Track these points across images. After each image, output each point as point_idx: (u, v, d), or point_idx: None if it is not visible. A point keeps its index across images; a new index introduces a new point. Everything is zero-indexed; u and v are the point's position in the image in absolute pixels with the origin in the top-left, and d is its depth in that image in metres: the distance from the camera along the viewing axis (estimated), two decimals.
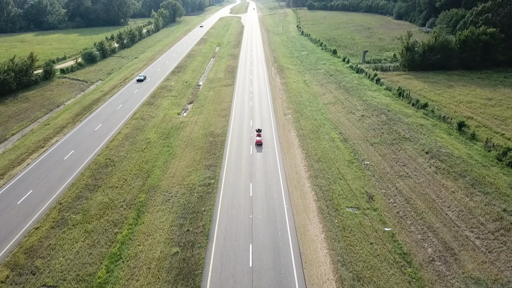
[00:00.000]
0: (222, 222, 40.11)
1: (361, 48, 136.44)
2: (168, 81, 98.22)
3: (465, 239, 35.78)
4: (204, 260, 34.81)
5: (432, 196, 42.47)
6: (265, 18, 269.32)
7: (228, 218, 40.70)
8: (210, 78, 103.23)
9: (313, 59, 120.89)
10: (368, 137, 59.33)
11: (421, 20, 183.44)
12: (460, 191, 41.88)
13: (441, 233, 37.08)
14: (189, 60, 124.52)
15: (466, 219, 37.96)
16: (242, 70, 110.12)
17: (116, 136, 63.26)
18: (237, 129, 65.60)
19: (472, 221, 37.54)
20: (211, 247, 36.58)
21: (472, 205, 39.42)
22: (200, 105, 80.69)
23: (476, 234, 35.83)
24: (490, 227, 36.41)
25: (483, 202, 39.46)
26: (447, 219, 38.70)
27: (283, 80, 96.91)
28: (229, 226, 39.40)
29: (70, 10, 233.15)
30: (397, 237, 37.49)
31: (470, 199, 40.25)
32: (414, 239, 37.08)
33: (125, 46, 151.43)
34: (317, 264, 34.36)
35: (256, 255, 35.21)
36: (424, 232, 37.63)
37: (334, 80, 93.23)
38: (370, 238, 37.44)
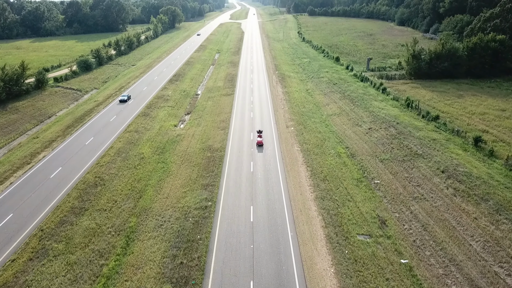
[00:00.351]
0: (220, 253, 36.02)
1: (364, 55, 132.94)
2: (165, 90, 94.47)
3: (494, 276, 31.69)
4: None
5: (452, 223, 38.40)
6: (265, 24, 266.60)
7: (227, 248, 36.62)
8: (209, 87, 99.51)
9: (316, 66, 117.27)
10: (377, 153, 55.36)
11: (424, 26, 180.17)
12: (484, 217, 37.83)
13: (465, 267, 33.00)
14: (188, 68, 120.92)
15: (493, 251, 33.87)
16: (242, 78, 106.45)
17: (108, 151, 59.31)
18: (237, 143, 61.66)
19: (500, 254, 33.47)
20: (207, 283, 32.50)
21: (498, 235, 35.36)
22: (198, 116, 76.85)
23: (507, 271, 31.73)
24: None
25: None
26: (471, 250, 34.62)
27: (285, 89, 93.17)
28: (228, 258, 35.31)
29: (68, 16, 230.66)
30: (415, 271, 33.42)
31: (496, 228, 36.19)
32: (435, 274, 32.99)
33: (122, 53, 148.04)
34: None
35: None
36: (446, 266, 33.54)
37: (338, 89, 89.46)
38: (386, 272, 33.37)
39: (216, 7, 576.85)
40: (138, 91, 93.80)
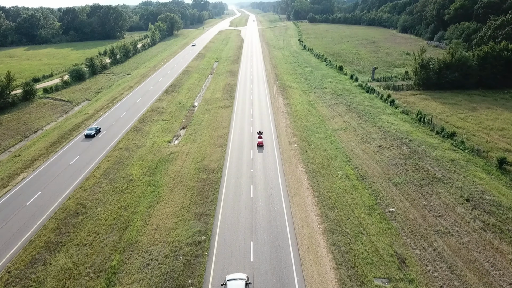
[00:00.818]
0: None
1: (368, 64, 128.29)
2: (160, 102, 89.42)
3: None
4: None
5: (484, 265, 33.08)
6: (265, 31, 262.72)
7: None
8: (206, 98, 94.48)
9: (318, 76, 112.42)
10: (390, 175, 50.12)
11: (428, 34, 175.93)
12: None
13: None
14: (185, 78, 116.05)
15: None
16: (241, 89, 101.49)
17: (94, 172, 54.04)
18: (235, 163, 56.40)
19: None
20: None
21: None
22: (194, 130, 71.69)
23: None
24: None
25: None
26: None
27: (287, 101, 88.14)
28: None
29: (65, 23, 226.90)
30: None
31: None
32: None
33: (118, 62, 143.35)
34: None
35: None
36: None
37: (343, 101, 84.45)
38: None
39: (215, 14, 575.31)
40: (131, 103, 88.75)
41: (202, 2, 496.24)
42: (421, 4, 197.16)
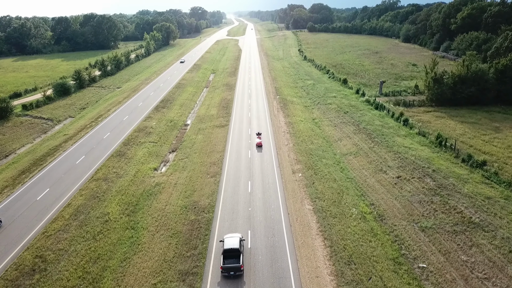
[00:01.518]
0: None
1: (374, 76, 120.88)
2: (148, 121, 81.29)
3: None
4: None
5: None
6: (263, 41, 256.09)
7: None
8: (200, 116, 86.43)
9: (321, 90, 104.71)
10: (415, 216, 41.94)
11: (433, 44, 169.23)
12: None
13: None
14: (178, 92, 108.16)
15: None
16: (238, 104, 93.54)
17: (63, 211, 45.70)
18: (230, 198, 48.13)
19: None
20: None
21: None
22: (185, 155, 63.48)
23: None
24: None
25: None
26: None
27: (288, 119, 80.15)
28: None
29: (57, 33, 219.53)
30: None
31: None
32: None
33: (108, 74, 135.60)
34: None
35: None
36: None
37: (351, 119, 76.57)
38: None
39: (214, 23, 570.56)
40: (117, 122, 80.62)
41: (200, 11, 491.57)
42: (425, 13, 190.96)
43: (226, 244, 34.33)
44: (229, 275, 32.91)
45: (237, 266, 32.49)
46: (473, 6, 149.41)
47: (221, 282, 33.10)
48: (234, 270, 32.53)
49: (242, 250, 34.44)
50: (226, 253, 33.57)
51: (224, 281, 33.11)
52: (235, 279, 33.13)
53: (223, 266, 32.70)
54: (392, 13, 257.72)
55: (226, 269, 32.58)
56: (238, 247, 33.89)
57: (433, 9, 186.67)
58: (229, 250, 33.65)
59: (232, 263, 32.77)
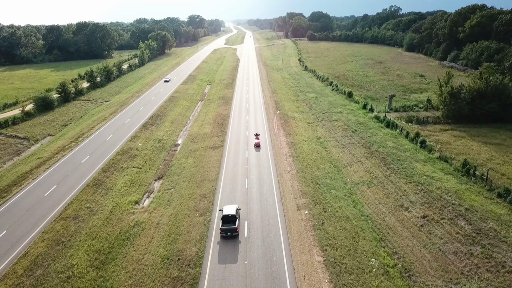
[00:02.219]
0: None
1: (380, 88, 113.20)
2: (134, 141, 73.02)
3: None
4: None
5: None
6: (262, 50, 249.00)
7: None
8: (192, 134, 78.22)
9: (325, 104, 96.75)
10: (451, 272, 33.54)
11: (440, 53, 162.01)
12: None
13: None
14: (170, 106, 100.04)
15: None
16: (235, 121, 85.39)
17: (16, 264, 37.20)
18: (222, 247, 39.60)
19: None
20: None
21: None
22: (172, 184, 55.15)
23: None
24: None
25: None
26: None
27: (290, 139, 71.98)
28: None
29: (48, 42, 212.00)
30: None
31: None
32: None
33: (97, 86, 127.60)
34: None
35: None
36: None
37: (360, 139, 68.46)
38: None
39: (212, 31, 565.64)
40: (100, 142, 72.33)
41: (198, 19, 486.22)
42: (430, 21, 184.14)
43: (225, 211, 40.45)
44: (227, 236, 39.19)
45: (233, 228, 38.89)
46: (482, 14, 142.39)
47: (220, 242, 39.33)
48: (231, 232, 38.97)
49: (238, 216, 40.36)
50: (224, 218, 39.64)
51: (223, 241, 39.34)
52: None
53: (221, 228, 38.96)
54: (394, 21, 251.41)
55: (224, 230, 38.89)
56: (235, 213, 39.87)
57: (438, 17, 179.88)
58: (226, 216, 39.64)
59: (229, 225, 39.03)
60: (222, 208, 42.11)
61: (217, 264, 36.46)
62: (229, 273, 34.98)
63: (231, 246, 39.04)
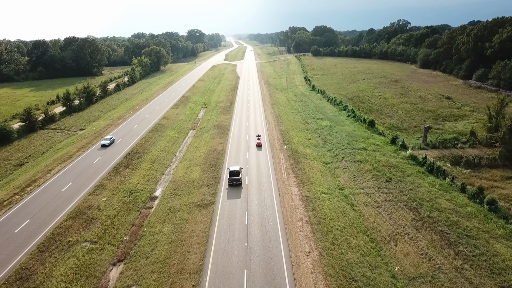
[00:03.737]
0: None
1: (404, 114, 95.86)
2: (98, 192, 55.07)
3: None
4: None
5: None
6: (264, 66, 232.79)
7: None
8: (176, 181, 60.32)
9: (342, 136, 79.15)
10: None
11: (463, 71, 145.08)
12: None
13: None
14: (154, 138, 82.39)
15: None
16: (232, 161, 67.49)
17: None
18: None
19: None
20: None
21: None
22: (134, 278, 37.00)
23: None
24: None
25: None
26: None
27: (304, 190, 54.04)
28: None
29: (33, 58, 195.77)
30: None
31: None
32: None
33: (74, 110, 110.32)
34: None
35: None
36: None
37: (399, 193, 50.58)
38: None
39: (212, 46, 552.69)
40: (51, 196, 54.40)
41: (198, 34, 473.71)
42: (448, 36, 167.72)
43: (231, 168, 56.25)
44: (233, 184, 54.83)
45: (238, 178, 54.80)
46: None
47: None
48: (235, 181, 54.79)
49: (241, 171, 56.43)
50: (231, 172, 55.21)
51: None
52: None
53: (229, 178, 54.82)
54: (404, 35, 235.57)
55: (230, 180, 54.73)
56: (238, 169, 56.01)
57: (458, 32, 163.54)
58: (232, 171, 55.32)
59: (234, 177, 54.75)
60: (229, 168, 57.79)
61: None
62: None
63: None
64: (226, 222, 45.89)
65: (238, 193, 53.56)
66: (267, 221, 45.59)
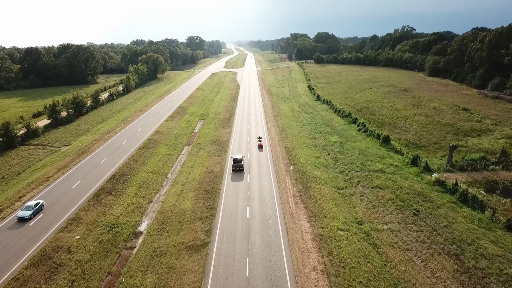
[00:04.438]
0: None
1: (420, 128, 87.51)
2: (70, 229, 46.36)
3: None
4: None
5: None
6: (265, 74, 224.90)
7: None
8: (165, 212, 51.59)
9: (355, 154, 70.57)
10: None
11: (477, 80, 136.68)
12: None
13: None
14: (144, 156, 73.84)
15: None
16: (230, 186, 58.82)
17: None
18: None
19: None
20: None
21: None
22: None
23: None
24: None
25: None
26: None
27: (316, 227, 45.35)
28: None
29: (25, 66, 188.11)
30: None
31: None
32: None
33: (61, 123, 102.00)
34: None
35: None
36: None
37: (432, 232, 41.93)
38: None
39: (212, 53, 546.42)
40: (16, 232, 45.62)
41: (198, 40, 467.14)
42: (459, 42, 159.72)
43: (234, 156, 65.03)
44: (236, 170, 63.13)
45: (241, 165, 63.19)
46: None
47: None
48: (238, 167, 63.08)
49: (243, 159, 64.75)
50: (234, 160, 63.77)
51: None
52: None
53: (233, 164, 63.33)
54: (410, 42, 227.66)
55: (234, 166, 63.17)
56: (241, 158, 64.08)
57: (469, 38, 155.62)
58: (235, 158, 63.71)
59: (238, 163, 63.18)
60: (232, 156, 67.13)
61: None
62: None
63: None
64: (223, 273, 37.08)
65: (237, 230, 44.85)
66: (273, 273, 36.80)
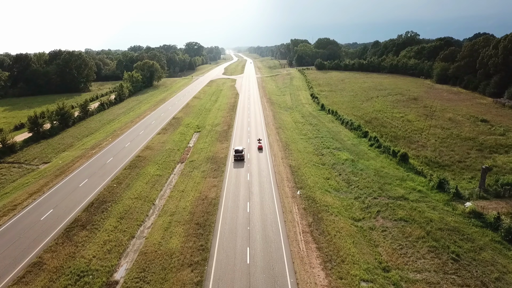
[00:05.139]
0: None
1: (439, 143, 78.97)
2: (25, 280, 37.41)
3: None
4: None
5: None
6: (265, 81, 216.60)
7: None
8: (148, 254, 42.54)
9: (370, 177, 61.70)
10: None
11: (491, 88, 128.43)
12: None
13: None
14: (130, 177, 64.89)
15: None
16: (228, 217, 49.86)
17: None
18: None
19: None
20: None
21: None
22: None
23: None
24: None
25: None
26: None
27: (333, 277, 36.53)
28: None
29: (14, 73, 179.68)
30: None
31: None
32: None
33: (44, 136, 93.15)
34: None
35: None
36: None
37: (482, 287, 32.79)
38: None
39: (211, 59, 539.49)
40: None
41: (196, 46, 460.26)
42: (469, 48, 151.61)
43: (236, 148, 73.04)
44: (238, 159, 70.19)
45: (242, 155, 70.70)
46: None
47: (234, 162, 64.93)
48: (240, 157, 70.50)
49: (243, 150, 72.48)
50: (235, 150, 71.46)
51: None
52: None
53: (235, 155, 70.66)
54: (415, 48, 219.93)
55: (236, 156, 70.43)
56: (242, 149, 72.08)
57: (480, 43, 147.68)
58: (237, 150, 71.46)
59: (239, 153, 70.65)
60: (234, 148, 73.73)
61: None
62: None
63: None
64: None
65: (234, 283, 35.81)
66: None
